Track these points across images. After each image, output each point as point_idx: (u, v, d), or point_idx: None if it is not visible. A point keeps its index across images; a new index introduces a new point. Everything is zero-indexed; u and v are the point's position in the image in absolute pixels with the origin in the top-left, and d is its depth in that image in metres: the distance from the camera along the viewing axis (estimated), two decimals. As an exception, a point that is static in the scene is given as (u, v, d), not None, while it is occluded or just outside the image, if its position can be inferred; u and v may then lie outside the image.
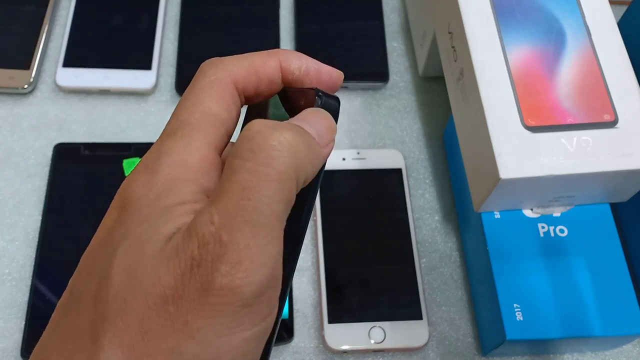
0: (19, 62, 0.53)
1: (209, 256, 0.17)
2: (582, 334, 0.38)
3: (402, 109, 0.54)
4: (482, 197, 0.39)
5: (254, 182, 0.18)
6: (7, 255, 0.46)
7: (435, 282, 0.47)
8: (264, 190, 0.18)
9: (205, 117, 0.21)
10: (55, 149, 0.50)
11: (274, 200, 0.18)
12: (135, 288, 0.18)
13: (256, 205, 0.18)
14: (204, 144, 0.21)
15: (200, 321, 0.17)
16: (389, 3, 0.59)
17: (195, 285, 0.17)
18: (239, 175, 0.18)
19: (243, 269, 0.17)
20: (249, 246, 0.18)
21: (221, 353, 0.17)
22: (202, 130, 0.21)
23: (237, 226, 0.18)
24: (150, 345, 0.17)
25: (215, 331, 0.17)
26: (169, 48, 0.56)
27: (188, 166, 0.20)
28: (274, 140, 0.19)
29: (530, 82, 0.38)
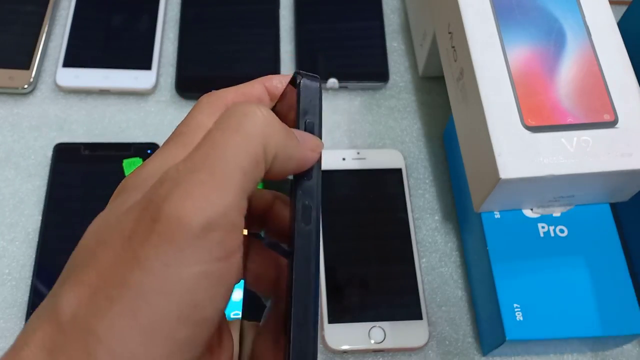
0: (19, 62, 0.53)
1: (163, 191, 0.18)
2: (582, 334, 0.38)
3: (402, 109, 0.54)
4: (482, 197, 0.39)
5: (222, 138, 0.19)
6: (7, 255, 0.46)
7: (435, 282, 0.47)
8: (230, 142, 0.19)
9: (198, 127, 0.23)
10: (55, 149, 0.50)
11: (237, 152, 0.19)
12: (99, 238, 0.19)
13: (219, 154, 0.19)
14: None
15: (147, 250, 0.18)
16: (389, 3, 0.59)
17: (147, 219, 0.18)
18: (210, 134, 0.20)
19: (193, 201, 0.18)
20: (204, 183, 0.18)
21: (167, 284, 0.17)
22: (194, 137, 0.22)
23: (197, 168, 0.18)
24: (102, 280, 0.18)
25: (161, 260, 0.18)
26: (169, 48, 0.56)
27: (177, 157, 0.20)
28: (248, 109, 0.20)
29: (530, 82, 0.38)
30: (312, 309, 0.21)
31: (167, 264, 0.18)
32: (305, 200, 0.22)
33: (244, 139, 0.19)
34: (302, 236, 0.22)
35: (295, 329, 0.21)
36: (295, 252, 0.21)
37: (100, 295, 0.18)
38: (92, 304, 0.18)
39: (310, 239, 0.22)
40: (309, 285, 0.21)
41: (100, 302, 0.18)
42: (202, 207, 0.18)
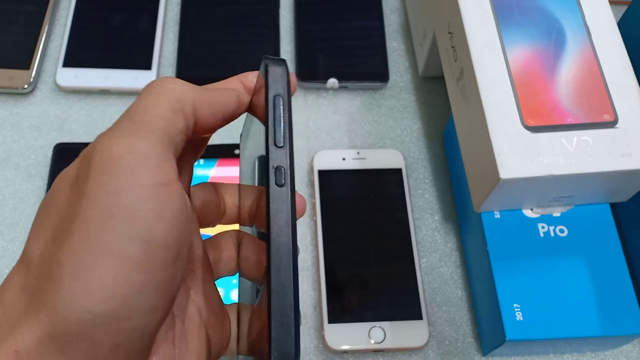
0: (19, 62, 0.53)
1: (96, 141, 0.21)
2: (582, 334, 0.38)
3: (402, 109, 0.54)
4: (482, 197, 0.39)
5: (139, 100, 0.22)
6: (7, 255, 0.46)
7: (435, 282, 0.47)
8: (144, 100, 0.22)
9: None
10: (55, 149, 0.50)
11: (154, 104, 0.22)
12: (55, 189, 0.22)
13: (137, 109, 0.22)
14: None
15: (90, 185, 0.20)
16: (389, 3, 0.59)
17: (85, 162, 0.21)
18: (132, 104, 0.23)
19: (120, 139, 0.20)
20: (128, 127, 0.21)
21: (113, 209, 0.20)
22: None
23: (120, 121, 0.22)
24: (60, 220, 0.21)
25: (103, 190, 0.20)
26: (169, 48, 0.56)
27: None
28: (160, 80, 0.23)
29: (530, 82, 0.38)
30: (291, 269, 0.22)
31: (108, 192, 0.20)
32: (276, 164, 0.22)
33: (157, 96, 0.22)
34: (276, 199, 0.22)
35: (275, 279, 0.21)
36: (270, 217, 0.22)
37: (60, 232, 0.20)
38: (54, 241, 0.20)
39: (284, 200, 0.22)
40: (287, 245, 0.22)
41: (60, 237, 0.20)
42: (129, 142, 0.20)
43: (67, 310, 0.19)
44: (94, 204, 0.20)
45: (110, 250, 0.19)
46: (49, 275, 0.20)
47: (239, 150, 0.50)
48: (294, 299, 0.21)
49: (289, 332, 0.21)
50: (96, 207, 0.20)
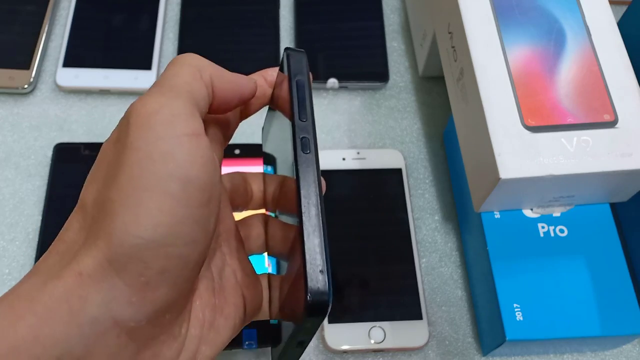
0: (19, 62, 0.53)
1: (131, 105, 0.24)
2: (582, 334, 0.38)
3: (402, 109, 0.54)
4: (482, 197, 0.39)
5: (166, 70, 0.26)
6: (7, 255, 0.46)
7: (435, 282, 0.47)
8: (171, 69, 0.26)
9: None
10: (55, 149, 0.50)
11: (177, 72, 0.25)
12: (100, 154, 0.26)
13: (165, 76, 0.25)
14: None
15: (131, 138, 0.23)
16: (389, 3, 0.59)
17: (124, 123, 0.24)
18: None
19: (153, 100, 0.24)
20: (157, 91, 0.24)
21: (152, 154, 0.23)
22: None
23: (151, 87, 0.25)
24: (108, 169, 0.24)
25: (142, 139, 0.23)
26: (169, 48, 0.56)
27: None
28: (183, 55, 0.26)
29: (530, 82, 0.38)
30: (320, 219, 0.24)
31: (147, 140, 0.23)
32: (301, 135, 0.25)
33: (181, 65, 0.25)
34: (304, 163, 0.25)
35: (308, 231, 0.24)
36: (300, 177, 0.25)
37: (109, 177, 0.23)
38: (104, 185, 0.24)
39: (311, 164, 0.25)
40: (316, 203, 0.24)
41: (109, 181, 0.23)
42: (162, 101, 0.24)
43: (121, 237, 0.22)
44: (136, 151, 0.23)
45: (153, 187, 0.22)
46: (102, 212, 0.23)
47: (239, 150, 0.50)
48: (324, 239, 0.24)
49: (322, 271, 0.23)
50: (138, 153, 0.23)
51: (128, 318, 0.22)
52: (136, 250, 0.22)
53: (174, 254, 0.23)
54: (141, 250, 0.22)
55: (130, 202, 0.22)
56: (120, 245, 0.22)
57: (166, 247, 0.22)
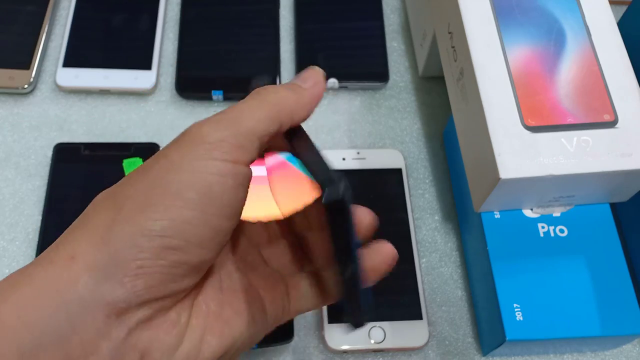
0: (19, 62, 0.53)
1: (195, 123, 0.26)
2: (582, 334, 0.38)
3: (402, 109, 0.54)
4: (482, 197, 0.39)
5: (241, 102, 0.27)
6: (7, 255, 0.46)
7: (435, 282, 0.47)
8: (245, 103, 0.26)
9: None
10: (55, 149, 0.50)
11: (251, 108, 0.26)
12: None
13: (238, 107, 0.26)
14: None
15: (175, 151, 0.25)
16: (389, 3, 0.59)
17: (180, 137, 0.25)
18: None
19: (211, 125, 0.25)
20: (221, 118, 0.25)
21: (188, 166, 0.24)
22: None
23: (219, 113, 0.26)
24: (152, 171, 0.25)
25: (182, 154, 0.24)
26: (169, 48, 0.56)
27: None
28: (264, 88, 0.27)
29: (530, 82, 0.38)
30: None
31: (182, 155, 0.24)
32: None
33: (254, 99, 0.26)
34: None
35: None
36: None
37: (132, 179, 0.25)
38: (125, 184, 0.25)
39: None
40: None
41: (131, 182, 0.25)
42: (215, 128, 0.25)
43: (120, 223, 0.23)
44: (170, 162, 0.24)
45: (169, 190, 0.24)
46: (112, 204, 0.24)
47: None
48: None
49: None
50: (171, 164, 0.24)
51: (118, 299, 0.23)
52: (135, 237, 0.23)
53: (172, 245, 0.23)
54: (139, 236, 0.23)
55: (141, 197, 0.23)
56: (120, 230, 0.23)
57: (164, 238, 0.23)
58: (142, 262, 0.23)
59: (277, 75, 0.54)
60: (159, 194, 0.24)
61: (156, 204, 0.23)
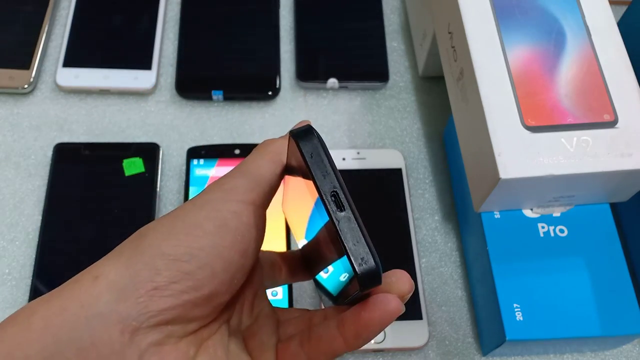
0: (19, 62, 0.53)
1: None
2: (582, 334, 0.38)
3: (402, 109, 0.54)
4: (482, 197, 0.39)
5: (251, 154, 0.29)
6: (7, 255, 0.46)
7: (435, 282, 0.47)
8: (250, 158, 0.29)
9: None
10: (55, 149, 0.50)
11: (257, 159, 0.29)
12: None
13: (249, 158, 0.29)
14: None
15: (198, 196, 0.27)
16: (389, 3, 0.59)
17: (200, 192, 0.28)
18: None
19: (229, 177, 0.28)
20: (236, 172, 0.28)
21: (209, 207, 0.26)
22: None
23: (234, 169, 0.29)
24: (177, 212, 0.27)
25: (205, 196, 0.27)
26: (169, 48, 0.56)
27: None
28: (265, 141, 0.30)
29: (530, 82, 0.38)
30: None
31: (202, 196, 0.27)
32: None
33: (258, 153, 0.29)
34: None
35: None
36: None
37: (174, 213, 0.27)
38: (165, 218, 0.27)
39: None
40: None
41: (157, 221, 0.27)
42: (229, 179, 0.28)
43: (143, 248, 0.25)
44: (192, 202, 0.27)
45: (189, 221, 0.26)
46: (137, 236, 0.26)
47: (239, 150, 0.50)
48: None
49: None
50: (192, 204, 0.27)
51: (131, 317, 0.24)
52: (153, 259, 0.25)
53: (186, 269, 0.25)
54: (157, 259, 0.25)
55: (164, 228, 0.26)
56: (141, 254, 0.25)
57: (179, 262, 0.25)
58: (157, 284, 0.24)
59: (277, 75, 0.54)
60: (180, 226, 0.26)
61: (177, 233, 0.26)
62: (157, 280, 0.24)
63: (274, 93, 0.54)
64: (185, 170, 0.50)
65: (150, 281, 0.24)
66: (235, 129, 0.53)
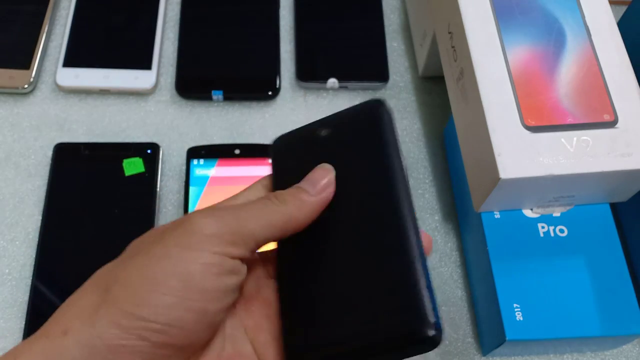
0: (19, 62, 0.53)
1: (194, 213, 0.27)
2: (582, 334, 0.38)
3: (402, 109, 0.54)
4: (482, 197, 0.39)
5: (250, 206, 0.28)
6: (7, 255, 0.46)
7: (435, 282, 0.47)
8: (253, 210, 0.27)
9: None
10: (55, 149, 0.50)
11: (257, 220, 0.27)
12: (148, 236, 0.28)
13: (241, 213, 0.27)
14: None
15: (169, 238, 0.26)
16: (389, 3, 0.59)
17: (178, 222, 0.27)
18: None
19: (209, 220, 0.26)
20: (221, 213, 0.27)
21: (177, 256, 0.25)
22: None
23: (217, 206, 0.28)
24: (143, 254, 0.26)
25: (176, 243, 0.26)
26: (169, 48, 0.56)
27: None
28: (275, 194, 0.28)
29: (530, 82, 0.38)
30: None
31: (176, 243, 0.25)
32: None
33: (267, 213, 0.27)
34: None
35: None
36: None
37: (128, 259, 0.26)
38: (122, 263, 0.26)
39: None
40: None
41: (125, 262, 0.26)
42: (216, 222, 0.26)
43: (107, 307, 0.24)
44: (163, 246, 0.25)
45: (154, 277, 0.25)
46: (105, 286, 0.25)
47: (239, 150, 0.50)
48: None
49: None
50: (162, 249, 0.25)
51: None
52: (119, 319, 0.24)
53: (154, 329, 0.24)
54: (122, 318, 0.24)
55: (128, 282, 0.25)
56: (106, 312, 0.24)
57: (145, 322, 0.24)
58: (125, 342, 0.24)
59: (277, 75, 0.54)
60: (144, 282, 0.25)
61: (140, 289, 0.25)
62: (124, 338, 0.24)
63: (274, 93, 0.54)
64: (185, 170, 0.50)
65: (118, 339, 0.24)
66: (235, 129, 0.53)
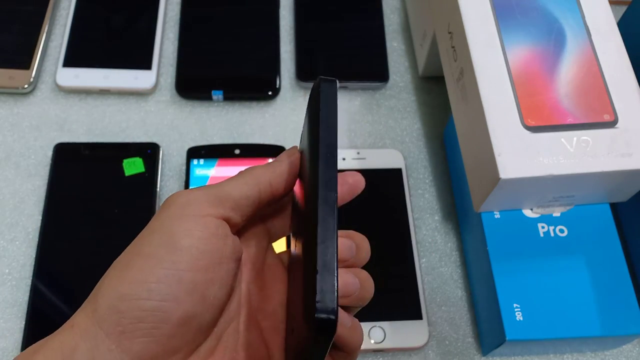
0: (19, 62, 0.53)
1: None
2: (582, 334, 0.38)
3: (402, 109, 0.54)
4: (482, 197, 0.39)
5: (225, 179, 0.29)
6: (7, 255, 0.46)
7: (435, 282, 0.47)
8: (227, 179, 0.28)
9: None
10: (55, 149, 0.50)
11: (231, 181, 0.28)
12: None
13: (217, 183, 0.28)
14: None
15: (156, 218, 0.26)
16: (389, 3, 0.59)
17: (160, 208, 0.27)
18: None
19: (189, 189, 0.27)
20: (201, 188, 0.28)
21: (172, 227, 0.26)
22: None
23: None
24: (141, 242, 0.26)
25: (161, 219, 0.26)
26: (169, 48, 0.56)
27: None
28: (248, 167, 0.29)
29: (530, 82, 0.38)
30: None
31: (159, 218, 0.26)
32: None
33: (239, 175, 0.28)
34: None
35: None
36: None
37: (132, 244, 0.26)
38: (123, 253, 0.26)
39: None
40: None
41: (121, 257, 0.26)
42: (189, 192, 0.27)
43: (104, 292, 0.25)
44: (148, 227, 0.26)
45: (143, 252, 0.25)
46: (104, 277, 0.26)
47: (239, 150, 0.50)
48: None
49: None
50: (147, 228, 0.26)
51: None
52: (114, 302, 0.24)
53: (148, 306, 0.24)
54: (117, 301, 0.24)
55: (119, 265, 0.25)
56: (102, 298, 0.25)
57: (139, 301, 0.24)
58: (123, 327, 0.24)
59: (277, 75, 0.54)
60: (133, 260, 0.25)
61: (131, 268, 0.25)
62: (123, 323, 0.24)
63: (274, 93, 0.54)
64: (185, 170, 0.50)
65: (116, 325, 0.24)
66: (235, 129, 0.53)
